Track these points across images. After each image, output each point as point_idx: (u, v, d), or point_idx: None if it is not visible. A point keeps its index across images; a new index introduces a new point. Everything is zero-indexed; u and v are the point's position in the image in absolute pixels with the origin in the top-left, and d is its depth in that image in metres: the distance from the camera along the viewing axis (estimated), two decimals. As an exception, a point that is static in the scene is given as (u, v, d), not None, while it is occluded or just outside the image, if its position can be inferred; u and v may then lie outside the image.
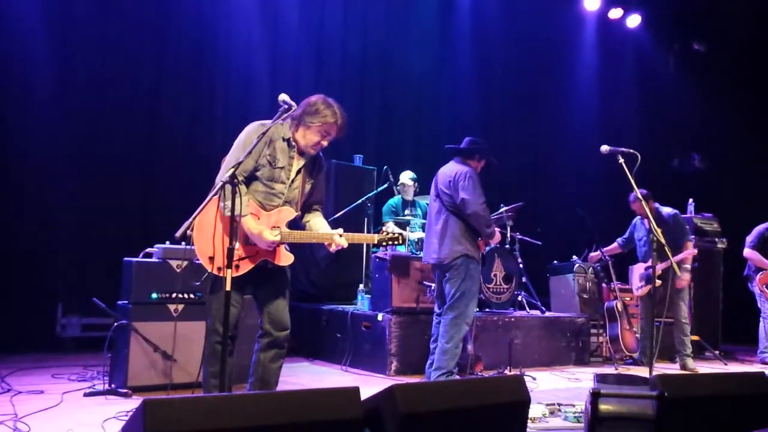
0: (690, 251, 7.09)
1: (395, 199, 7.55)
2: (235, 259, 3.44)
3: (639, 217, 7.40)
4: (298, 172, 3.71)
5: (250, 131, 3.62)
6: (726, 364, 7.54)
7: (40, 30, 6.64)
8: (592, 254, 7.67)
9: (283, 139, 3.67)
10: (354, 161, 8.21)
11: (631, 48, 11.57)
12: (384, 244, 3.79)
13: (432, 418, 2.62)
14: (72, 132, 6.77)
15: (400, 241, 3.80)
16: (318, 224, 3.78)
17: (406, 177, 7.47)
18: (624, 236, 7.63)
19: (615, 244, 7.66)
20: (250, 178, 3.61)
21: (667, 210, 7.18)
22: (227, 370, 3.36)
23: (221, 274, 3.37)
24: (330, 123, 3.64)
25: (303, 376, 5.93)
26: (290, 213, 3.65)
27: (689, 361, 6.95)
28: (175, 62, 7.51)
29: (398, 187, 7.57)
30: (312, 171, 3.81)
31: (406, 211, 7.43)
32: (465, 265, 5.15)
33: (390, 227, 3.89)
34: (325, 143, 3.69)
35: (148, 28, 7.31)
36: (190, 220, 2.97)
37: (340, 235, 3.61)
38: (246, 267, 3.56)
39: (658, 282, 6.85)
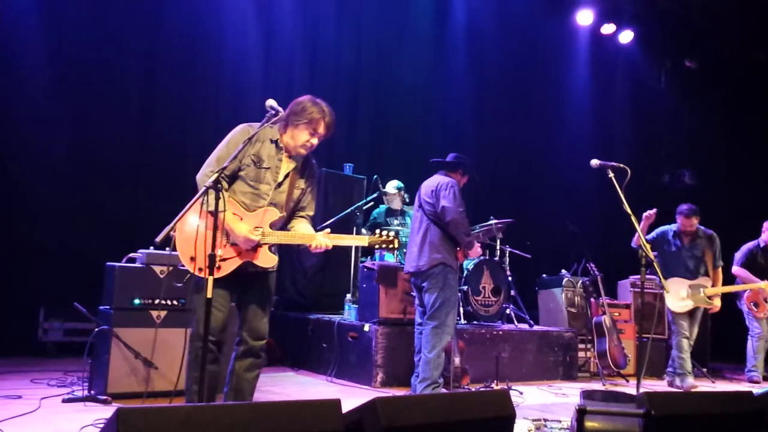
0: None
1: (379, 209, 7.50)
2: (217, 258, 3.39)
3: (670, 229, 7.04)
4: (287, 175, 3.64)
5: (236, 133, 3.57)
6: (714, 382, 7.51)
7: (31, 36, 6.62)
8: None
9: (271, 141, 3.62)
10: (344, 170, 8.17)
11: (623, 63, 11.61)
12: (376, 246, 3.71)
13: (415, 432, 2.57)
14: (57, 136, 6.73)
15: (396, 245, 3.68)
16: (303, 229, 3.69)
17: (392, 186, 7.44)
18: (649, 237, 7.00)
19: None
20: (233, 178, 3.55)
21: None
22: (211, 377, 3.30)
23: (202, 275, 3.28)
24: (317, 118, 3.58)
25: (287, 386, 5.86)
26: (274, 214, 3.57)
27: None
28: (165, 67, 7.49)
29: (387, 197, 7.52)
30: (302, 175, 3.74)
31: (396, 221, 7.38)
32: (443, 274, 5.14)
33: (386, 231, 3.75)
34: (315, 141, 3.63)
35: (140, 34, 7.30)
36: (171, 225, 2.90)
37: (325, 235, 3.54)
38: (229, 268, 3.46)
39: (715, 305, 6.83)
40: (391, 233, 3.69)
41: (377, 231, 3.73)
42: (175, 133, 7.46)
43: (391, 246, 3.69)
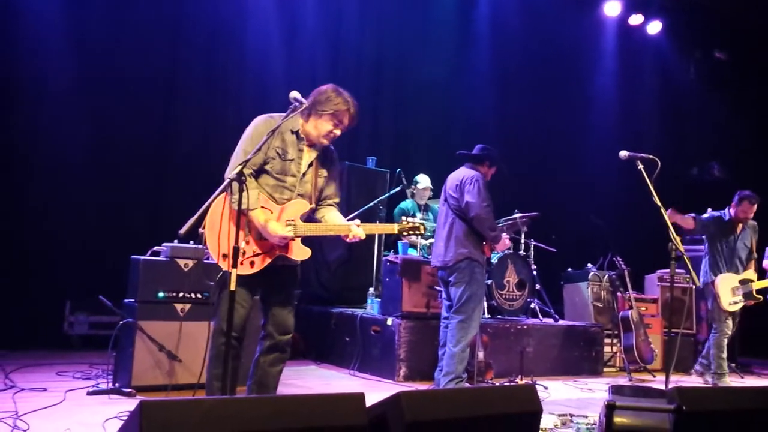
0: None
1: (408, 203, 7.45)
2: (249, 255, 3.38)
3: (723, 214, 6.79)
4: (310, 165, 3.61)
5: (258, 125, 3.53)
6: (742, 377, 7.39)
7: (54, 31, 6.65)
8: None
9: (292, 132, 3.58)
10: (367, 163, 8.12)
11: (651, 55, 11.40)
12: (404, 233, 3.68)
13: (439, 427, 2.52)
14: (82, 130, 6.75)
15: (422, 231, 3.68)
16: (334, 218, 3.66)
17: (425, 181, 7.39)
18: (704, 217, 6.82)
19: (689, 218, 6.75)
20: (260, 172, 3.50)
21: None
22: (231, 373, 3.28)
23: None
24: (342, 110, 3.54)
25: (309, 379, 5.85)
26: (304, 206, 3.54)
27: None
28: (188, 62, 7.50)
29: (412, 190, 7.47)
30: (324, 164, 3.70)
31: (420, 215, 7.34)
32: (469, 269, 5.08)
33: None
34: (337, 132, 3.59)
35: (163, 28, 7.30)
36: (195, 217, 2.87)
37: (357, 226, 3.51)
38: (262, 263, 3.43)
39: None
40: (417, 220, 3.69)
41: (403, 218, 3.72)
42: (199, 125, 7.47)
43: (418, 232, 3.67)
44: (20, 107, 6.50)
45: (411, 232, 3.68)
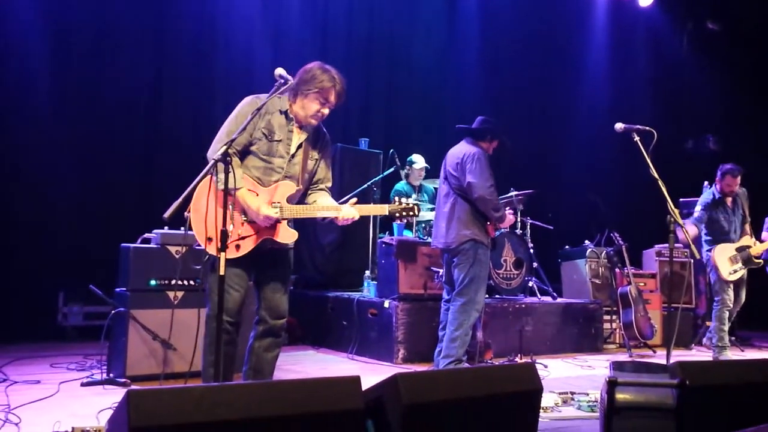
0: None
1: (403, 184, 7.36)
2: (235, 238, 3.29)
3: (712, 193, 6.84)
4: (299, 146, 3.52)
5: (244, 105, 3.44)
6: (743, 350, 7.37)
7: (38, 13, 6.52)
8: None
9: (281, 112, 3.48)
10: (360, 145, 8.03)
11: (643, 28, 11.29)
12: (397, 215, 3.60)
13: (437, 409, 2.47)
14: (71, 118, 6.67)
15: (415, 212, 3.60)
16: (324, 202, 3.57)
17: (422, 161, 7.30)
18: (701, 211, 6.79)
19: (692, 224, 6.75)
20: (245, 153, 3.41)
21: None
22: (226, 359, 3.22)
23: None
24: (327, 87, 3.44)
25: (307, 364, 5.80)
26: (290, 187, 3.45)
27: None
28: (175, 45, 7.39)
29: (407, 171, 7.37)
30: (315, 146, 3.60)
31: (414, 196, 7.25)
32: (473, 250, 4.95)
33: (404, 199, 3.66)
34: (325, 111, 3.49)
35: (147, 12, 7.16)
36: (179, 200, 2.78)
37: (351, 206, 3.44)
38: (248, 246, 3.36)
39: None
40: (411, 201, 3.61)
41: (396, 198, 3.64)
42: (187, 110, 7.37)
43: (411, 213, 3.60)
44: (4, 98, 6.37)
45: (404, 213, 3.60)
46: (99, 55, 6.84)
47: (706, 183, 8.14)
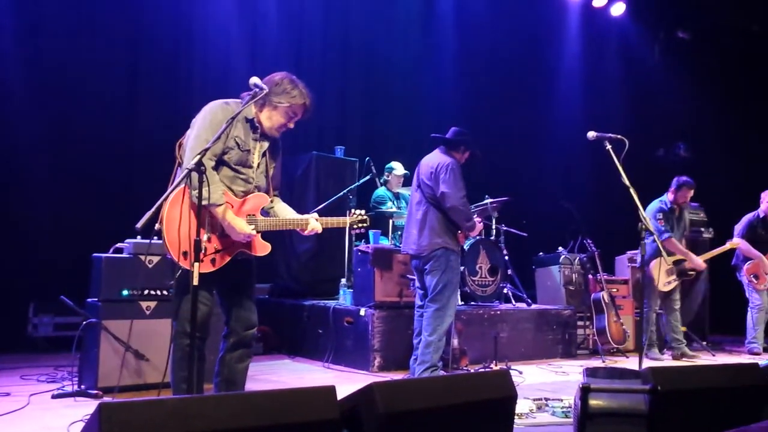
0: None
1: (383, 191, 7.35)
2: (211, 252, 3.25)
3: (664, 203, 7.13)
4: (263, 155, 3.49)
5: (216, 111, 3.34)
6: (714, 355, 7.45)
7: (10, 22, 6.43)
8: None
9: (246, 120, 3.42)
10: (335, 153, 8.02)
11: (615, 37, 11.45)
12: (355, 226, 3.64)
13: (414, 417, 2.47)
14: (40, 127, 6.57)
15: (367, 223, 3.68)
16: (283, 210, 3.57)
17: (401, 169, 7.31)
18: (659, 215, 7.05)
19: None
20: (218, 163, 3.34)
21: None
22: (198, 372, 3.18)
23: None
24: (298, 104, 3.42)
25: (283, 373, 5.77)
26: (263, 199, 3.45)
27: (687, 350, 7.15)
28: (150, 53, 7.32)
29: (386, 177, 7.37)
30: (273, 153, 3.58)
31: (392, 203, 7.25)
32: (445, 257, 5.03)
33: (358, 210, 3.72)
34: (291, 125, 3.48)
35: (122, 20, 7.11)
36: (152, 210, 2.75)
37: (316, 220, 3.46)
38: (223, 260, 3.31)
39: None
40: (363, 212, 3.69)
41: (352, 211, 3.69)
42: (160, 118, 7.27)
43: (363, 224, 3.66)
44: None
45: (360, 225, 3.65)
46: (73, 64, 6.75)
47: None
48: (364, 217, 3.65)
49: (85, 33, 6.85)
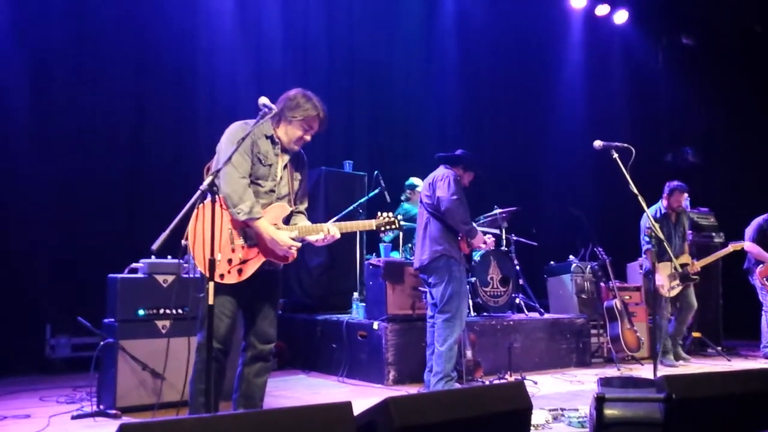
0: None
1: (409, 206, 7.40)
2: (237, 263, 3.34)
3: (657, 209, 7.16)
4: (284, 167, 3.62)
5: (237, 130, 3.48)
6: (729, 360, 7.41)
7: (18, 42, 6.55)
8: None
9: (266, 137, 3.57)
10: (344, 167, 8.08)
11: (619, 44, 11.49)
12: (382, 229, 3.68)
13: (429, 431, 2.49)
14: (54, 149, 6.66)
15: (397, 225, 3.69)
16: (307, 224, 3.66)
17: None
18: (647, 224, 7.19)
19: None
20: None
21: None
22: (215, 387, 3.21)
23: (224, 281, 3.28)
24: (312, 116, 3.56)
25: (298, 389, 5.79)
26: (285, 209, 3.55)
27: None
28: (157, 74, 7.40)
29: (406, 195, 7.47)
30: (296, 167, 3.71)
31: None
32: (447, 266, 5.07)
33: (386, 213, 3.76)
34: (308, 138, 3.61)
35: (128, 42, 7.20)
36: (167, 231, 2.80)
37: (332, 224, 3.54)
38: (251, 269, 3.40)
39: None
40: (392, 214, 3.71)
41: (379, 213, 3.73)
42: (171, 137, 7.38)
43: (394, 226, 3.68)
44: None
45: (388, 227, 3.68)
46: (82, 86, 6.85)
47: (686, 195, 8.20)
48: (392, 219, 3.68)
49: (93, 62, 6.96)
